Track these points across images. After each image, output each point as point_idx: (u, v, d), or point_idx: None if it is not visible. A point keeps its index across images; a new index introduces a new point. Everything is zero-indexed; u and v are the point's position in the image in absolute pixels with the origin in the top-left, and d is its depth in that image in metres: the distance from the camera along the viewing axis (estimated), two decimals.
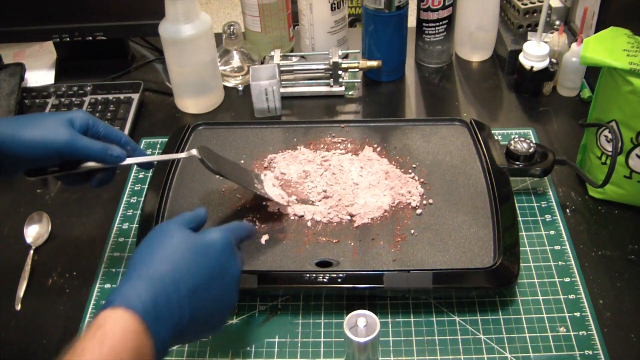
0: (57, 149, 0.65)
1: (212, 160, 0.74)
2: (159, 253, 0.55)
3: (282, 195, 0.80)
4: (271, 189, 0.81)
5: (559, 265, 0.76)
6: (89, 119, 0.68)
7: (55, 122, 0.66)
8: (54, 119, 0.66)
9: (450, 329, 0.70)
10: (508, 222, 0.75)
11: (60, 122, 0.66)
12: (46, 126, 0.65)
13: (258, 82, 0.98)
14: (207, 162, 0.72)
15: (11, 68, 1.07)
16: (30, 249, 0.81)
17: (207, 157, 0.73)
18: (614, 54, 0.75)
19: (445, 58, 1.13)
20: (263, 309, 0.73)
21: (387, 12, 1.01)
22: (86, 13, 1.06)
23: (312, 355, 0.68)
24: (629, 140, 0.77)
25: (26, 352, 0.70)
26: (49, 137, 0.64)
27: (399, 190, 0.81)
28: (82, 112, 0.69)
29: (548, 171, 0.83)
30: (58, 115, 0.67)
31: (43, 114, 0.68)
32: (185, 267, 0.55)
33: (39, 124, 0.66)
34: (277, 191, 0.81)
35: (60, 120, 0.66)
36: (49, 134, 0.65)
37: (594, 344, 0.68)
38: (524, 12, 1.07)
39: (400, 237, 0.75)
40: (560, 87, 1.03)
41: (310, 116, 1.03)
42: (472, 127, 0.89)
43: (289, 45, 1.16)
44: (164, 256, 0.55)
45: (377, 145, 0.89)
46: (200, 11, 0.95)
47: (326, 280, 0.70)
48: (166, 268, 0.54)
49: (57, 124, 0.66)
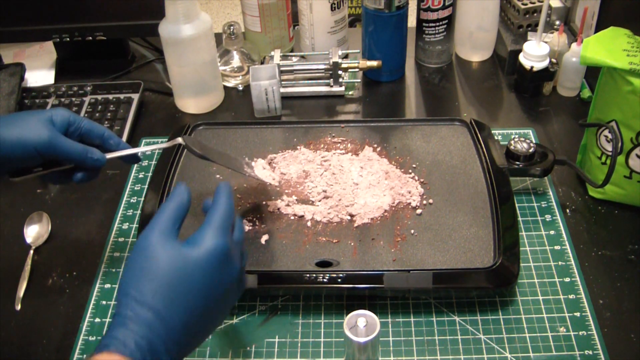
0: (36, 149, 0.64)
1: (197, 147, 0.74)
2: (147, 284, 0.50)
3: (272, 177, 0.81)
4: (261, 172, 0.81)
5: (559, 265, 0.76)
6: (70, 116, 0.67)
7: (35, 121, 0.65)
8: (34, 118, 0.65)
9: (450, 329, 0.70)
10: (508, 222, 0.75)
11: (40, 121, 0.65)
12: (26, 125, 0.64)
13: (258, 82, 0.98)
14: (192, 147, 0.72)
15: (11, 68, 1.07)
16: (30, 249, 0.81)
17: (192, 142, 0.74)
18: (614, 54, 0.75)
19: (445, 58, 1.13)
20: (263, 309, 0.73)
21: (387, 12, 1.01)
22: (86, 13, 1.06)
23: (312, 355, 0.68)
24: (629, 140, 0.77)
25: (26, 352, 0.70)
26: (28, 137, 0.64)
27: (399, 190, 0.81)
28: (62, 110, 0.68)
29: (548, 171, 0.83)
30: (38, 114, 0.66)
31: (24, 112, 0.66)
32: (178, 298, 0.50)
33: (19, 123, 0.65)
34: (266, 173, 0.81)
35: (40, 119, 0.65)
36: (28, 134, 0.64)
37: (594, 344, 0.68)
38: (524, 12, 1.07)
39: (400, 237, 0.75)
40: (560, 87, 1.03)
41: (310, 116, 1.03)
42: (472, 127, 0.89)
43: (289, 45, 1.16)
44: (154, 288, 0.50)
45: (377, 145, 0.89)
46: (200, 11, 0.95)
47: (326, 280, 0.70)
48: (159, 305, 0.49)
49: (37, 123, 0.65)
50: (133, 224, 0.84)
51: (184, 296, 0.50)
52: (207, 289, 0.52)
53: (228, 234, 0.55)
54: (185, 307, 0.50)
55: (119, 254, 0.80)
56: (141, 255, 0.51)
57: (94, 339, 0.71)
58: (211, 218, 0.55)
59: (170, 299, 0.50)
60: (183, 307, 0.50)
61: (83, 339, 0.71)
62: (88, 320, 0.73)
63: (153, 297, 0.49)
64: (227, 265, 0.54)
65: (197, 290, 0.51)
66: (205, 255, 0.52)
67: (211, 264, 0.52)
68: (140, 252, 0.52)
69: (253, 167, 0.82)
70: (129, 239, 0.82)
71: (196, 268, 0.51)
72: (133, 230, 0.83)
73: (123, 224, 0.84)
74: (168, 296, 0.50)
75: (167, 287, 0.50)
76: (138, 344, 0.48)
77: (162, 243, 0.52)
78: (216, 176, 0.84)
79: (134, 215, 0.85)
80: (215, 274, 0.53)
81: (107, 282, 0.77)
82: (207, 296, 0.52)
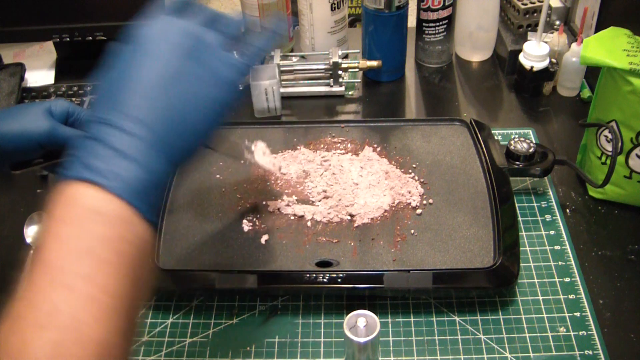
0: (37, 140, 0.64)
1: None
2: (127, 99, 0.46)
3: (272, 163, 0.80)
4: (261, 158, 0.81)
5: (559, 265, 0.76)
6: (69, 106, 0.68)
7: (34, 113, 0.65)
8: (33, 110, 0.66)
9: (450, 329, 0.70)
10: (508, 222, 0.75)
11: (39, 112, 0.65)
12: (25, 118, 0.64)
13: (258, 82, 0.98)
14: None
15: (11, 68, 1.07)
16: (30, 249, 0.81)
17: None
18: (614, 54, 0.75)
19: (445, 58, 1.13)
20: (263, 309, 0.73)
21: (387, 12, 1.01)
22: (86, 13, 1.06)
23: (312, 355, 0.68)
24: (629, 140, 0.77)
25: None
26: (28, 129, 0.64)
27: (399, 190, 0.81)
28: (62, 101, 0.68)
29: (548, 171, 0.83)
30: (37, 106, 0.66)
31: (22, 105, 0.67)
32: (142, 89, 0.46)
33: (18, 116, 0.65)
34: (267, 159, 0.81)
35: (39, 111, 0.65)
36: (28, 125, 0.64)
37: (594, 344, 0.68)
38: (524, 12, 1.07)
39: (400, 237, 0.75)
40: (560, 87, 1.03)
41: (310, 116, 1.03)
42: (472, 127, 0.89)
43: (289, 45, 1.16)
44: (131, 98, 0.46)
45: (377, 145, 0.89)
46: None
47: (326, 280, 0.70)
48: (139, 114, 0.45)
49: (36, 114, 0.65)
50: None
51: (147, 85, 0.46)
52: (170, 71, 0.48)
53: (199, 20, 0.52)
54: (153, 97, 0.46)
55: None
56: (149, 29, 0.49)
57: None
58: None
59: (145, 101, 0.46)
60: (152, 98, 0.46)
61: None
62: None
63: (131, 107, 0.45)
64: (198, 50, 0.50)
65: (157, 73, 0.47)
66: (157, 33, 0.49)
67: (166, 41, 0.48)
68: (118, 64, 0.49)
69: (253, 152, 0.82)
70: None
71: (146, 51, 0.48)
72: None
73: None
74: (143, 99, 0.46)
75: (140, 91, 0.46)
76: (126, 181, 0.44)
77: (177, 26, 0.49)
78: (216, 176, 0.84)
79: None
80: (177, 53, 0.48)
81: None
82: (173, 78, 0.47)
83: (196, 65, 0.50)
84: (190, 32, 0.50)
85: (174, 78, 0.48)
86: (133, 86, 0.47)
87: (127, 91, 0.47)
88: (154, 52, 0.48)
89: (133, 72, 0.47)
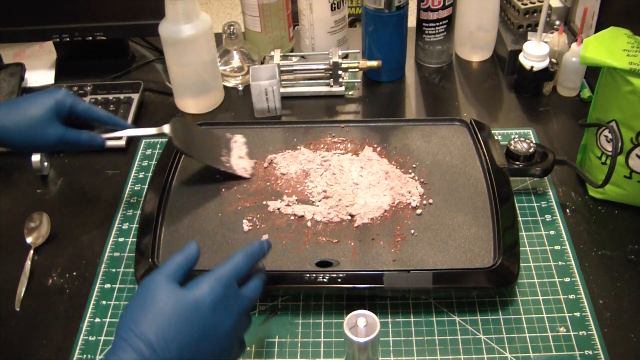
0: (49, 147, 0.74)
1: (182, 136, 0.78)
2: (144, 318, 0.54)
3: (245, 168, 0.81)
4: (236, 162, 0.81)
5: (559, 265, 0.76)
6: (72, 101, 0.75)
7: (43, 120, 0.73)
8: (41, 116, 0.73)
9: (450, 329, 0.70)
10: (508, 222, 0.75)
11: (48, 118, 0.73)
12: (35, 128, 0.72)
13: (258, 82, 0.98)
14: (175, 140, 0.78)
15: (11, 68, 1.07)
16: (30, 249, 0.81)
17: (177, 134, 0.78)
18: (614, 54, 0.75)
19: (445, 58, 1.13)
20: (263, 309, 0.73)
21: (387, 12, 1.01)
22: (86, 13, 1.06)
23: (312, 355, 0.68)
24: (629, 140, 0.77)
25: (26, 352, 0.70)
26: (40, 140, 0.73)
27: (399, 190, 0.81)
28: (63, 95, 0.75)
29: (548, 171, 0.83)
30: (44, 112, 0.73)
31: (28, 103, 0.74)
32: (171, 334, 0.53)
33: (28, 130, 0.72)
34: (241, 164, 0.81)
35: (47, 116, 0.73)
36: (39, 136, 0.73)
37: (594, 344, 0.68)
38: (524, 12, 1.07)
39: (400, 237, 0.75)
40: (560, 87, 1.03)
41: (310, 116, 1.03)
42: (472, 127, 0.89)
43: (289, 45, 1.16)
44: (149, 322, 0.53)
45: (377, 145, 0.89)
46: (200, 11, 0.95)
47: (326, 280, 0.70)
48: (153, 338, 0.52)
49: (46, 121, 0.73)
50: (133, 224, 0.84)
51: (176, 333, 0.53)
52: (198, 329, 0.54)
53: (229, 285, 0.57)
54: (177, 344, 0.53)
55: (119, 254, 0.80)
56: (143, 293, 0.55)
57: (94, 339, 0.71)
58: (218, 268, 0.58)
59: (163, 333, 0.53)
60: (176, 343, 0.53)
61: (83, 339, 0.71)
62: (88, 320, 0.73)
63: (147, 330, 0.52)
64: (222, 314, 0.56)
65: (188, 328, 0.54)
66: (199, 298, 0.55)
67: (202, 307, 0.55)
68: (143, 290, 0.56)
69: (231, 149, 0.82)
70: (129, 238, 0.82)
71: (188, 308, 0.54)
72: (133, 230, 0.83)
73: (123, 224, 0.84)
74: (161, 330, 0.53)
75: (161, 322, 0.53)
76: None
77: (163, 284, 0.56)
78: (216, 176, 0.84)
79: (134, 215, 0.85)
80: (208, 317, 0.55)
81: (107, 282, 0.77)
82: (199, 337, 0.54)
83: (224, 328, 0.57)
84: (223, 304, 0.57)
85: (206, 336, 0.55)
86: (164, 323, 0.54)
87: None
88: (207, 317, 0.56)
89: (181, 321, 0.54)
